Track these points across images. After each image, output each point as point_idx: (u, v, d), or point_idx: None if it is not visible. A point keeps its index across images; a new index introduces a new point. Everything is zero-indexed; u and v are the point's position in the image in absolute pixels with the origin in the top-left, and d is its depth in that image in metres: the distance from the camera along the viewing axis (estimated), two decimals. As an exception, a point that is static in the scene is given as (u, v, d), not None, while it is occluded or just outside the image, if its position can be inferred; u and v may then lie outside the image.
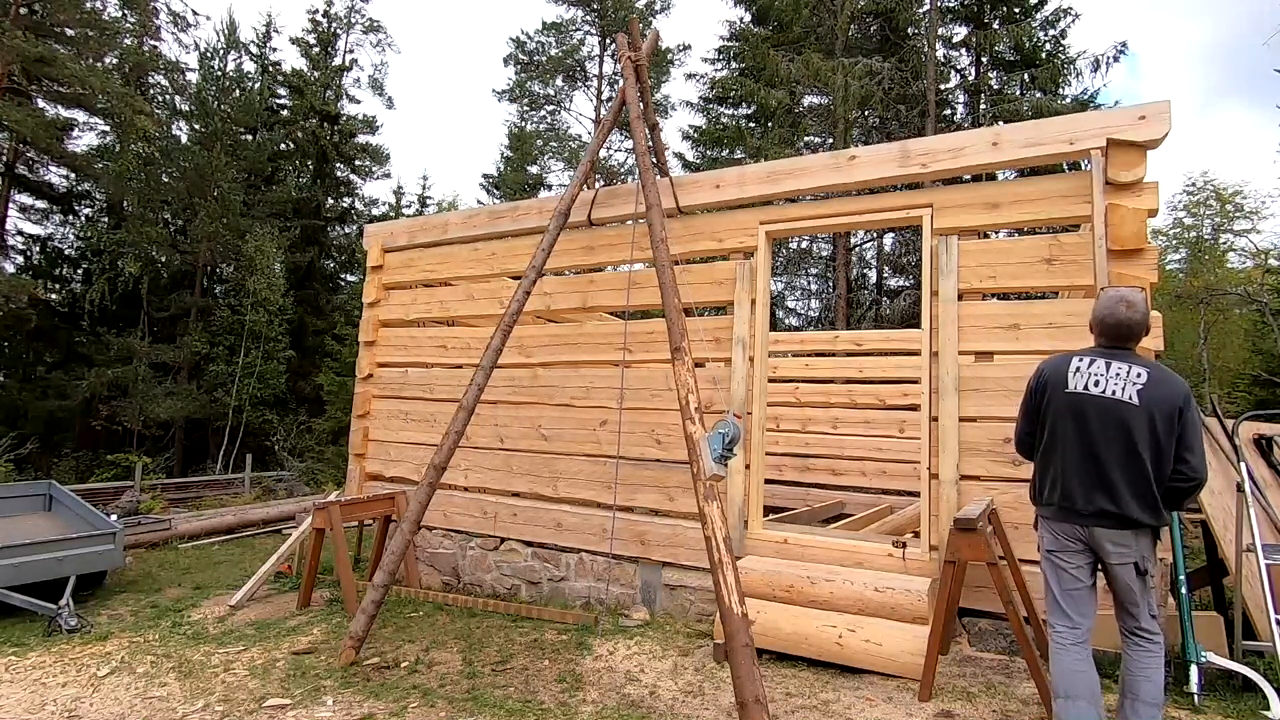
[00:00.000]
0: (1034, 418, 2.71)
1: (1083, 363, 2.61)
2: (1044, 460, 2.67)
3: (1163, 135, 3.95)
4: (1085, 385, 2.56)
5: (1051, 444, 2.65)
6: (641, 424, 5.33)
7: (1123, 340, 2.62)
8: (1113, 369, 2.55)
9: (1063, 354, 2.71)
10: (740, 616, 3.23)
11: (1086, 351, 2.67)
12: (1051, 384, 2.64)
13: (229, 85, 21.15)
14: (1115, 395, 2.51)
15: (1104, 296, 2.68)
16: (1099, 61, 16.11)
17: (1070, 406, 2.58)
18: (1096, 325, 2.69)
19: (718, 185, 5.31)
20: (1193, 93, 57.84)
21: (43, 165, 18.81)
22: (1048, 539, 2.66)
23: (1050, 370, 2.69)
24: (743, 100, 19.20)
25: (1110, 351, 2.62)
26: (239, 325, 18.46)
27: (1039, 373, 2.72)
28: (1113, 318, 2.60)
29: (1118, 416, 2.51)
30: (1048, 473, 2.66)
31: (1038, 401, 2.69)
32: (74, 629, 4.77)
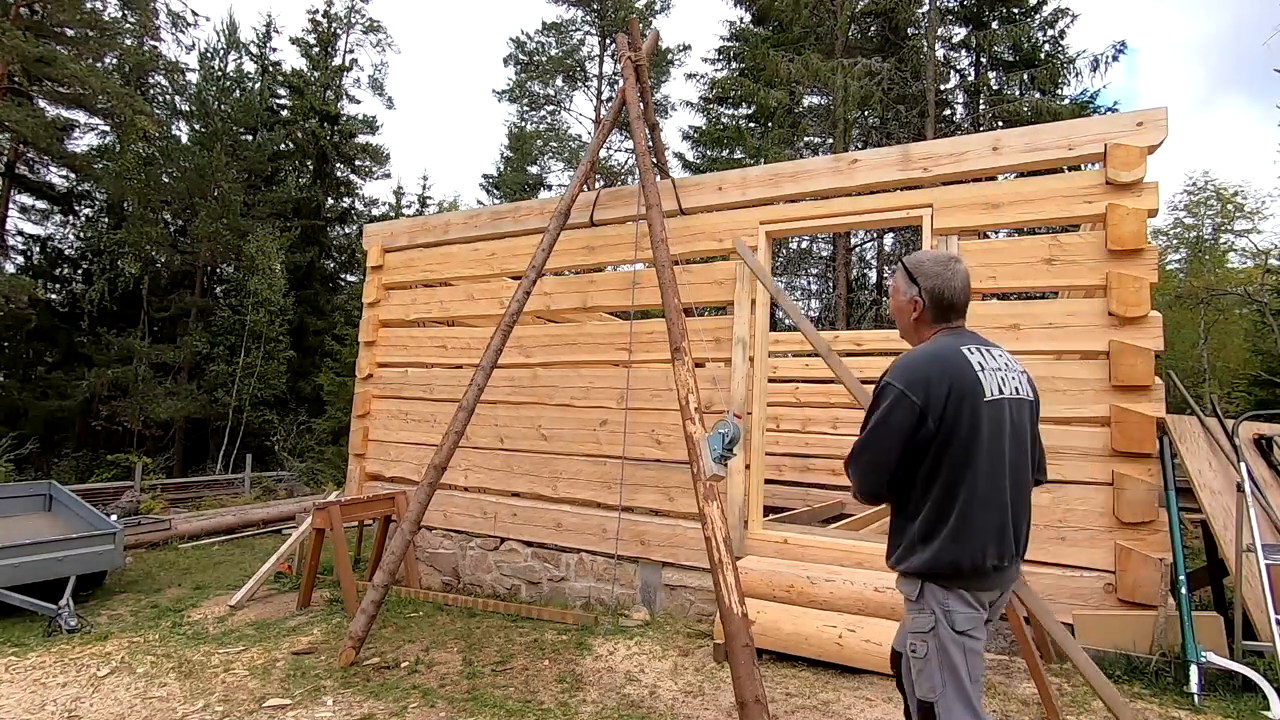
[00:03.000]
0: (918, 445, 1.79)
1: (978, 355, 1.85)
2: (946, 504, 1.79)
3: (1160, 141, 3.98)
4: (1000, 388, 1.83)
5: (960, 478, 1.79)
6: (641, 424, 5.33)
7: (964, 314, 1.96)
8: (1000, 358, 1.90)
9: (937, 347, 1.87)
10: (740, 616, 3.23)
11: (960, 338, 1.91)
12: (960, 391, 1.78)
13: (229, 85, 21.18)
14: (1019, 394, 1.89)
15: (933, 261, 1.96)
16: (1098, 61, 16.11)
17: (991, 420, 1.80)
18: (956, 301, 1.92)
19: (720, 187, 5.31)
20: (1193, 87, 57.94)
21: (43, 165, 18.83)
22: (961, 617, 1.79)
23: (953, 378, 1.79)
24: (743, 100, 19.20)
25: (972, 334, 1.95)
26: (239, 325, 18.47)
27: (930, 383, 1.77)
28: (962, 283, 1.92)
29: (1026, 422, 1.92)
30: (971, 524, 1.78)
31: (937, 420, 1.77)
32: (74, 629, 4.77)
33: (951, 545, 1.79)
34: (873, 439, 1.83)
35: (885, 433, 1.80)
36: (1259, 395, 12.47)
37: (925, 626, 1.83)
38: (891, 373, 1.84)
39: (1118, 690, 3.45)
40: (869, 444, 1.85)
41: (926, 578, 1.83)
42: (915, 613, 1.86)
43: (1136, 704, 3.31)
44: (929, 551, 1.81)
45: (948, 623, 1.80)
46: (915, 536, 1.84)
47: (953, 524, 1.79)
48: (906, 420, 1.77)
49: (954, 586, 1.81)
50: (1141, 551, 3.75)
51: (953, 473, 1.80)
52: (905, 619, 1.94)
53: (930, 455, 1.80)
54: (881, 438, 1.82)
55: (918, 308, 1.96)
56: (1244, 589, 3.50)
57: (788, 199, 5.11)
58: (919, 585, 1.85)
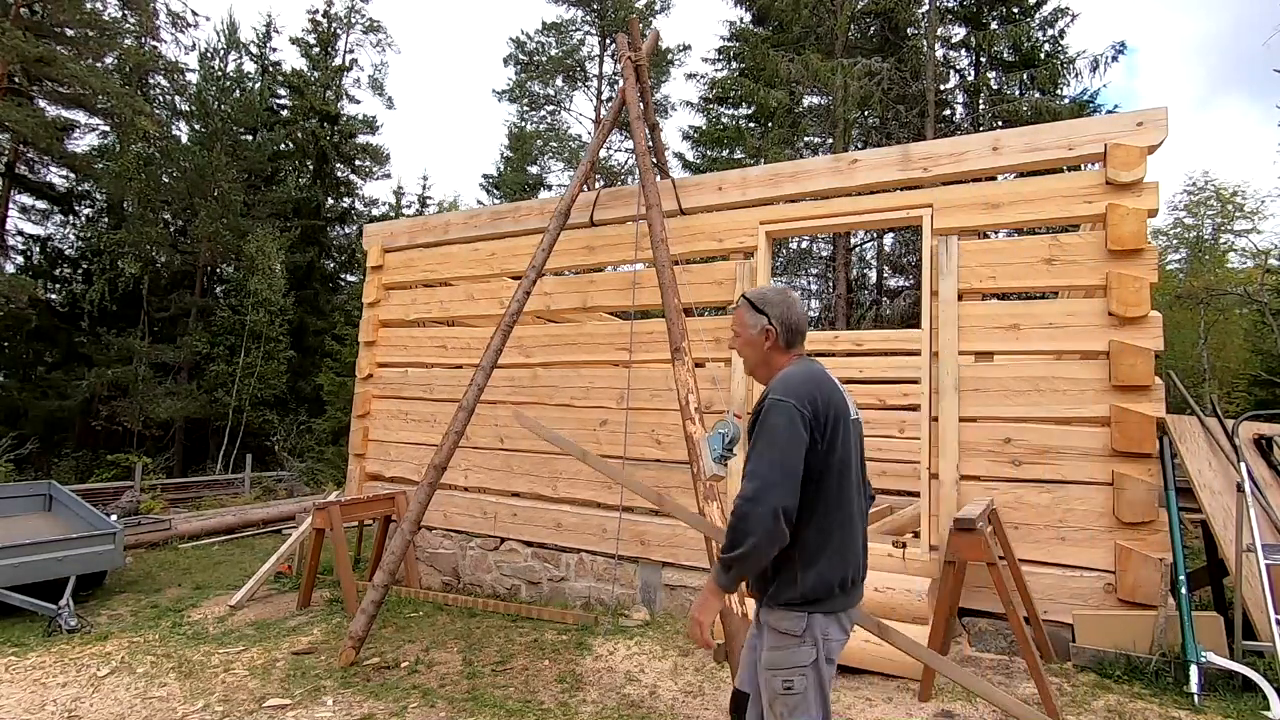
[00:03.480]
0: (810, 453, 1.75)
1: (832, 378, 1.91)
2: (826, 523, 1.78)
3: (1160, 141, 3.98)
4: (854, 409, 1.92)
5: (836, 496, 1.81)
6: (641, 424, 5.33)
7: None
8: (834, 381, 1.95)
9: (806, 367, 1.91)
10: (740, 616, 3.23)
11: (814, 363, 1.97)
12: (834, 411, 1.80)
13: (229, 85, 21.17)
14: (858, 415, 1.98)
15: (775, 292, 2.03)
16: (1097, 62, 16.12)
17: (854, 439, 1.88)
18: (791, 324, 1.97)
19: (720, 187, 5.31)
20: (1193, 86, 57.92)
21: (43, 165, 18.83)
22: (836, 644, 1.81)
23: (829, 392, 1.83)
24: (743, 100, 19.20)
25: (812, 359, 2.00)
26: (239, 325, 18.47)
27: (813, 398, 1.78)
28: (802, 310, 2.01)
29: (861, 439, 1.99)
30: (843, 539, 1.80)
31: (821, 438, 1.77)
32: (74, 629, 4.77)
33: (831, 566, 1.78)
34: (782, 455, 1.70)
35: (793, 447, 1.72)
36: (1259, 395, 12.47)
37: (807, 660, 1.78)
38: (778, 390, 1.79)
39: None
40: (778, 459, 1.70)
41: (812, 607, 1.78)
42: (794, 647, 1.79)
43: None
44: (813, 575, 1.77)
45: (823, 651, 1.79)
46: (798, 562, 1.78)
47: (833, 543, 1.79)
48: (802, 432, 1.74)
49: (833, 610, 1.80)
50: (1141, 551, 3.75)
51: (830, 491, 1.80)
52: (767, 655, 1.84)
53: (813, 474, 1.76)
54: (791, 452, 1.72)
55: (770, 336, 1.98)
56: (1244, 589, 3.49)
57: (788, 199, 5.11)
58: (804, 618, 1.78)
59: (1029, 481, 4.10)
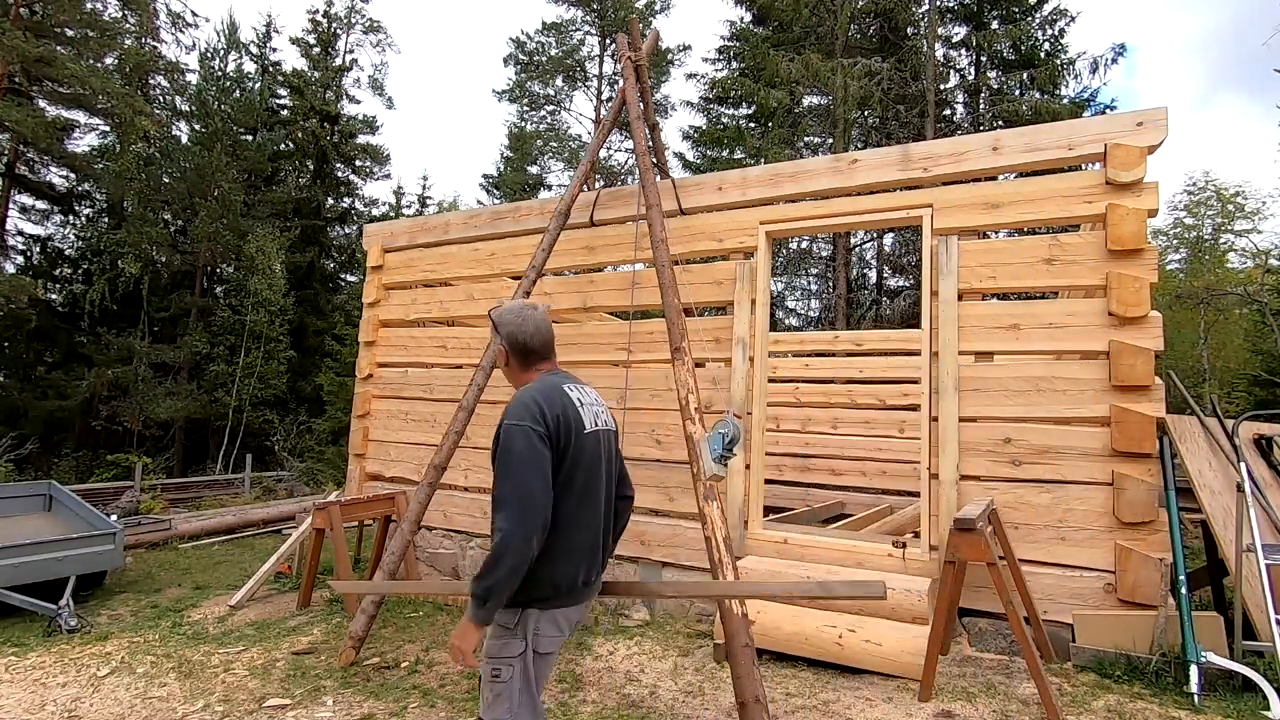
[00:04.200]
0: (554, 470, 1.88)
1: (576, 393, 2.04)
2: (567, 531, 1.92)
3: (1160, 141, 3.98)
4: (594, 421, 2.04)
5: (579, 507, 1.96)
6: (641, 424, 5.33)
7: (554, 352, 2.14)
8: (589, 394, 2.10)
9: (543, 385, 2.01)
10: (740, 616, 3.23)
11: (559, 377, 2.08)
12: (567, 424, 1.93)
13: (229, 85, 21.17)
14: (609, 425, 2.11)
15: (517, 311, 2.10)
16: (1097, 63, 16.13)
17: (591, 451, 1.99)
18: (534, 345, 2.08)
19: (720, 187, 5.31)
20: (1193, 85, 57.92)
21: (43, 165, 18.82)
22: (551, 635, 1.95)
23: (563, 408, 1.94)
24: (743, 100, 19.20)
25: (565, 373, 2.13)
26: (239, 325, 18.47)
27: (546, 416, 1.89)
28: (534, 327, 2.08)
29: (614, 452, 2.14)
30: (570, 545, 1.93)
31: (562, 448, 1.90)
32: (74, 629, 4.77)
33: (555, 567, 1.90)
34: (527, 477, 1.81)
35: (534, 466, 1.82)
36: (1259, 395, 12.47)
37: (515, 651, 1.91)
38: (512, 415, 1.89)
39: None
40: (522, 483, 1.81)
41: (528, 603, 1.90)
42: (506, 638, 1.92)
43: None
44: (538, 577, 1.87)
45: (533, 646, 1.91)
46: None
47: (558, 547, 1.89)
48: (542, 450, 1.84)
49: (549, 608, 1.92)
50: (1141, 551, 3.75)
51: (568, 501, 1.92)
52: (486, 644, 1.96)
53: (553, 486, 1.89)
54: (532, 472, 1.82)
55: (504, 355, 2.11)
56: (1244, 589, 3.49)
57: (788, 199, 5.11)
58: (518, 613, 1.91)
59: (1029, 481, 4.10)
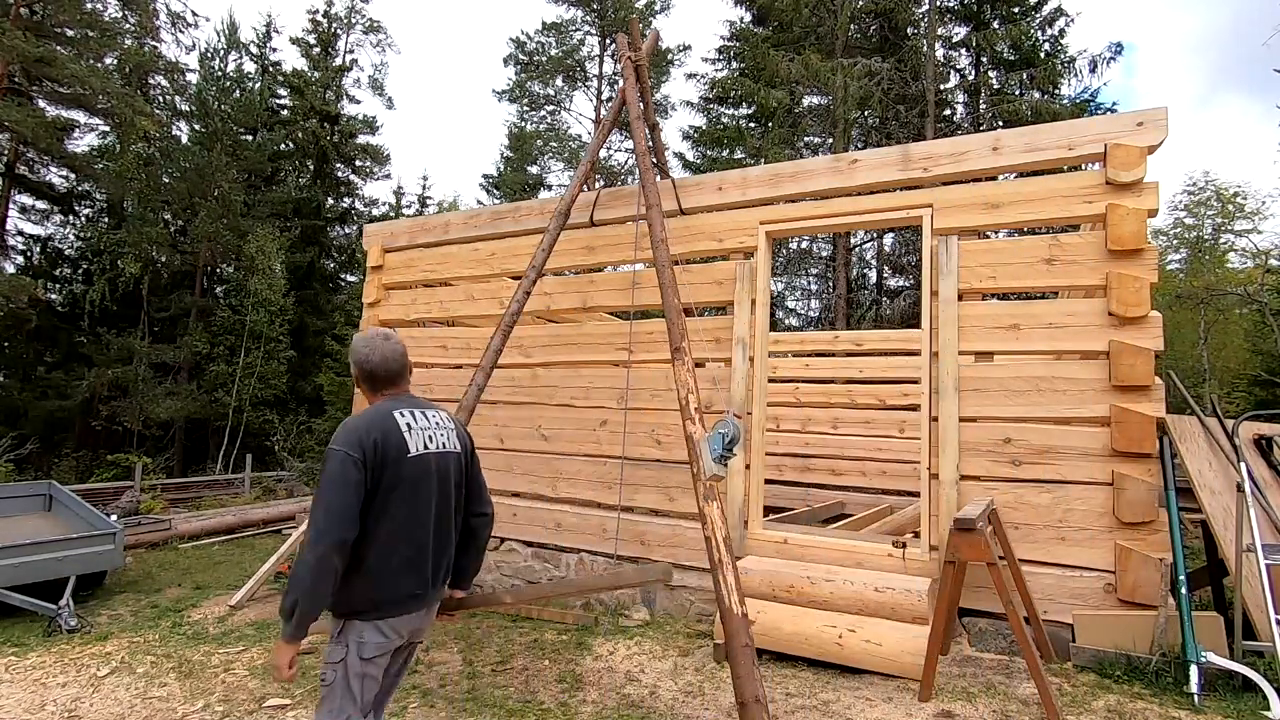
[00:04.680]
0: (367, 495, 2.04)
1: (408, 417, 2.21)
2: (386, 547, 2.07)
3: (1160, 141, 3.98)
4: (425, 445, 2.19)
5: (398, 525, 2.09)
6: (641, 424, 5.33)
7: (405, 379, 2.32)
8: (431, 418, 2.29)
9: (373, 412, 2.18)
10: (740, 616, 3.23)
11: (398, 403, 2.25)
12: (387, 449, 2.09)
13: (229, 85, 21.17)
14: (446, 447, 2.27)
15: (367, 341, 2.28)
16: (1096, 62, 16.13)
17: (417, 473, 2.13)
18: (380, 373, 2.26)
19: (720, 187, 5.31)
20: (1192, 84, 57.89)
21: (43, 165, 18.82)
22: (375, 641, 2.07)
23: (381, 436, 2.10)
24: (743, 100, 19.20)
25: (412, 398, 2.31)
26: (239, 325, 18.47)
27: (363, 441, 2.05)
28: (395, 356, 2.27)
29: (454, 472, 2.29)
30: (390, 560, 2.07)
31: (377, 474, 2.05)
32: (74, 629, 4.77)
33: (376, 581, 2.06)
34: (333, 497, 1.97)
35: (341, 489, 1.98)
36: (1259, 395, 12.47)
37: (337, 657, 2.06)
38: (334, 440, 2.05)
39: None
40: (332, 500, 1.97)
41: (350, 614, 2.06)
42: (331, 645, 2.09)
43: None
44: (356, 588, 2.04)
45: (357, 653, 2.05)
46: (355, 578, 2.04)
47: (378, 563, 2.06)
48: (354, 474, 2.00)
49: (372, 618, 2.07)
50: (1141, 551, 3.75)
51: (381, 518, 2.06)
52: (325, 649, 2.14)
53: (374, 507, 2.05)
54: (339, 494, 1.98)
55: (357, 380, 2.30)
56: (1244, 589, 3.49)
57: (788, 199, 5.11)
58: (342, 623, 2.07)
59: (1029, 481, 4.10)
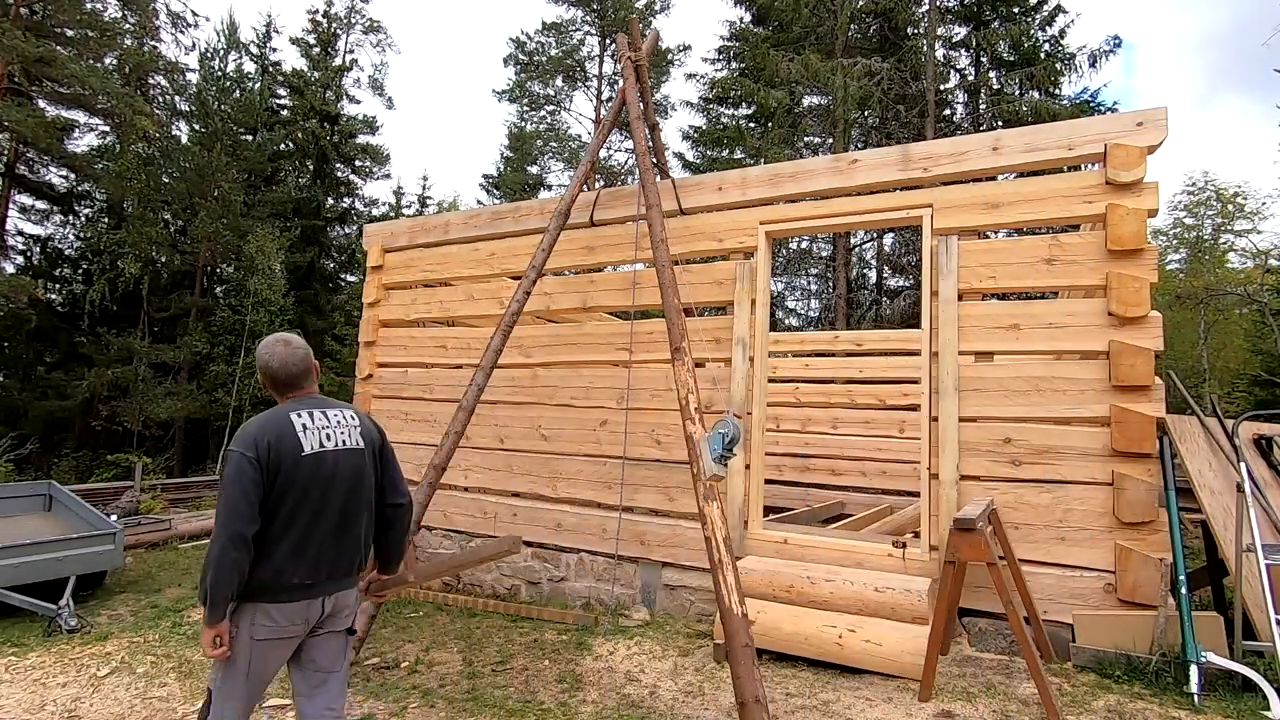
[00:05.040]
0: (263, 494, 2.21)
1: (305, 418, 2.33)
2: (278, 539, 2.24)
3: (1160, 141, 3.98)
4: (320, 443, 2.32)
5: (291, 519, 2.25)
6: (641, 424, 5.33)
7: (308, 381, 2.44)
8: (331, 418, 2.40)
9: (271, 413, 2.32)
10: (740, 616, 3.23)
11: (298, 405, 2.37)
12: (281, 452, 2.24)
13: (229, 85, 21.16)
14: (348, 445, 2.39)
15: (268, 347, 2.41)
16: (1095, 57, 16.12)
17: (312, 470, 2.28)
18: (280, 377, 2.39)
19: (720, 187, 5.31)
20: (1192, 84, 57.85)
21: (43, 165, 18.82)
22: (265, 625, 2.23)
23: (275, 437, 2.25)
24: (743, 100, 19.20)
25: (314, 399, 2.43)
26: (239, 325, 18.46)
27: (266, 443, 2.22)
28: (294, 361, 2.39)
29: (356, 467, 2.40)
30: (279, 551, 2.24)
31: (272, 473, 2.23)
32: (74, 629, 4.77)
33: (266, 568, 2.21)
34: (234, 493, 2.16)
35: (238, 487, 2.16)
36: (1259, 395, 12.48)
37: (232, 634, 2.22)
38: (233, 442, 2.24)
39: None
40: (232, 498, 2.16)
41: (243, 598, 2.21)
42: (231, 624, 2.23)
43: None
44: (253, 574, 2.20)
45: (249, 633, 2.22)
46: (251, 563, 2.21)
47: (270, 551, 2.22)
48: (249, 473, 2.17)
49: (263, 602, 2.22)
50: (1141, 551, 3.75)
51: (277, 512, 2.23)
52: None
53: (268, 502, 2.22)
54: (236, 492, 2.16)
55: (263, 383, 2.45)
56: (1244, 589, 3.50)
57: (788, 199, 5.11)
58: (237, 605, 2.22)
59: (1029, 481, 4.10)
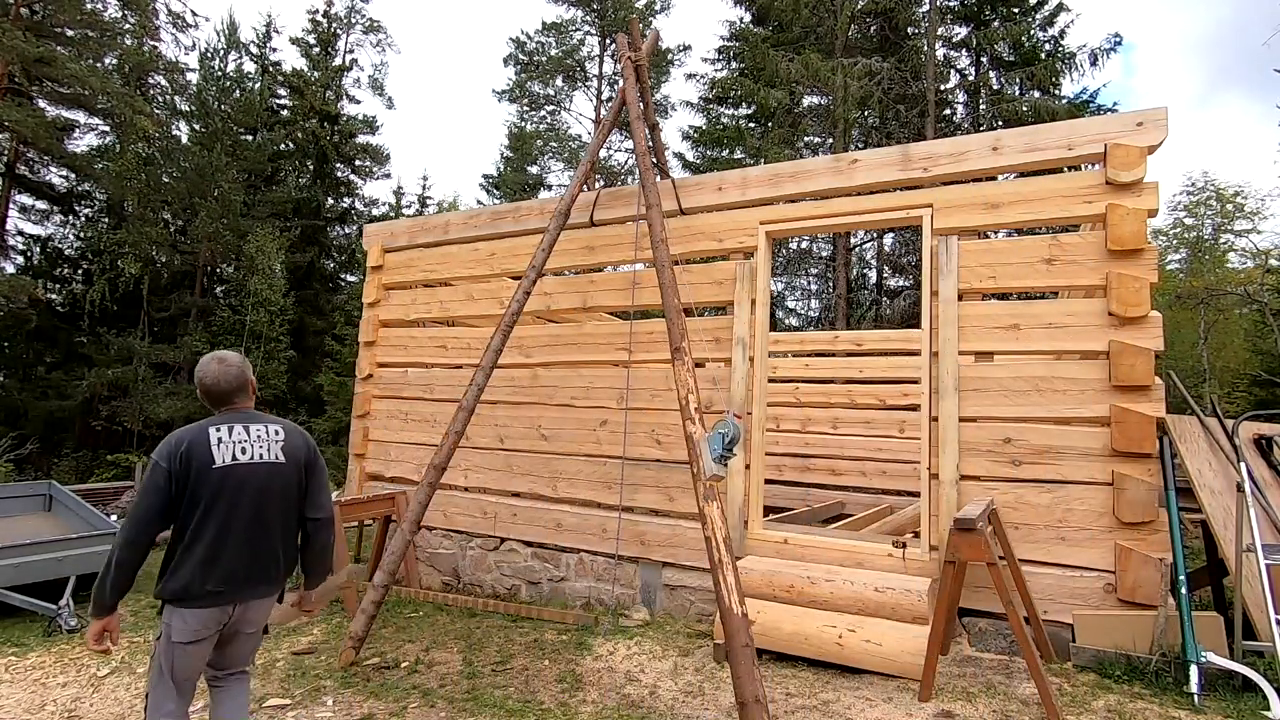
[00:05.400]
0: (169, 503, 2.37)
1: (222, 432, 2.47)
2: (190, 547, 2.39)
3: (1160, 141, 3.98)
4: (234, 456, 2.45)
5: (201, 527, 2.39)
6: (641, 424, 5.33)
7: (242, 398, 2.59)
8: (253, 432, 2.53)
9: (192, 426, 2.48)
10: (740, 616, 3.23)
11: (221, 419, 2.52)
12: (192, 463, 2.39)
13: (229, 85, 21.15)
14: (265, 458, 2.51)
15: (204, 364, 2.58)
16: (1095, 55, 16.11)
17: (223, 482, 2.42)
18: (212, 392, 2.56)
19: (720, 187, 5.31)
20: (1192, 83, 57.79)
21: (43, 165, 18.81)
22: (182, 628, 2.38)
23: (188, 449, 2.40)
24: (743, 100, 19.19)
25: (241, 414, 2.56)
26: (239, 325, 18.46)
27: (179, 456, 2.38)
28: (226, 378, 2.55)
29: (270, 480, 2.51)
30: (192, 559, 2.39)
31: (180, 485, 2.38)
32: (74, 629, 4.77)
33: (178, 574, 2.39)
34: (141, 499, 2.36)
35: (145, 495, 2.36)
36: (1259, 395, 12.48)
37: (157, 635, 2.45)
38: (155, 451, 2.42)
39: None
40: (138, 502, 2.37)
41: (164, 601, 2.42)
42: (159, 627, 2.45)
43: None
44: (172, 581, 2.40)
45: (168, 635, 2.41)
46: (164, 571, 2.44)
47: (181, 558, 2.40)
48: (159, 482, 2.35)
49: (179, 607, 2.39)
50: (1141, 551, 3.75)
51: (188, 521, 2.40)
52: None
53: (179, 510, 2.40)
54: (142, 499, 2.36)
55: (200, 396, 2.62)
56: (1244, 589, 3.50)
57: (788, 199, 5.11)
58: (160, 607, 2.44)
59: (1029, 481, 4.10)
